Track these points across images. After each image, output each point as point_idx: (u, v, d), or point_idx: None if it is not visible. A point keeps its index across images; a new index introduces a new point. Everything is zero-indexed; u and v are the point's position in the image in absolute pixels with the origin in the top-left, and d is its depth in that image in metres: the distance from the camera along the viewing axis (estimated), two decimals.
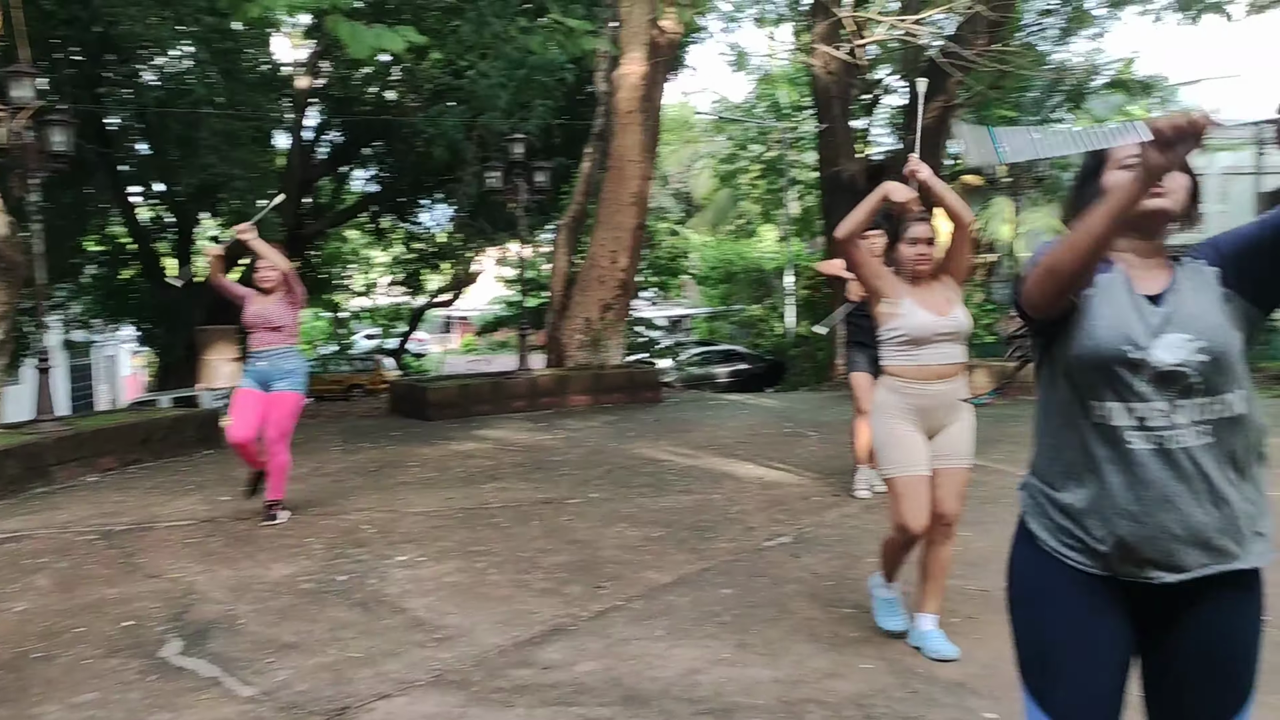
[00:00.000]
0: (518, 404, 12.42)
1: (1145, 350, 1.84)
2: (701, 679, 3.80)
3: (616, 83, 14.25)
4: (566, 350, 14.25)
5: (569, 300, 14.51)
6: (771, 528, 6.19)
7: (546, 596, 4.85)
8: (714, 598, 4.80)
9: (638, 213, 14.44)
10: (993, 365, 13.48)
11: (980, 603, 4.61)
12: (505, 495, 7.31)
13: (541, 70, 13.33)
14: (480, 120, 13.48)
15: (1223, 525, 1.85)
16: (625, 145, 14.15)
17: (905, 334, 3.86)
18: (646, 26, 13.79)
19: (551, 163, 14.12)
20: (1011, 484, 7.40)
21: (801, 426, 10.88)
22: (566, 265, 14.96)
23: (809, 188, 27.02)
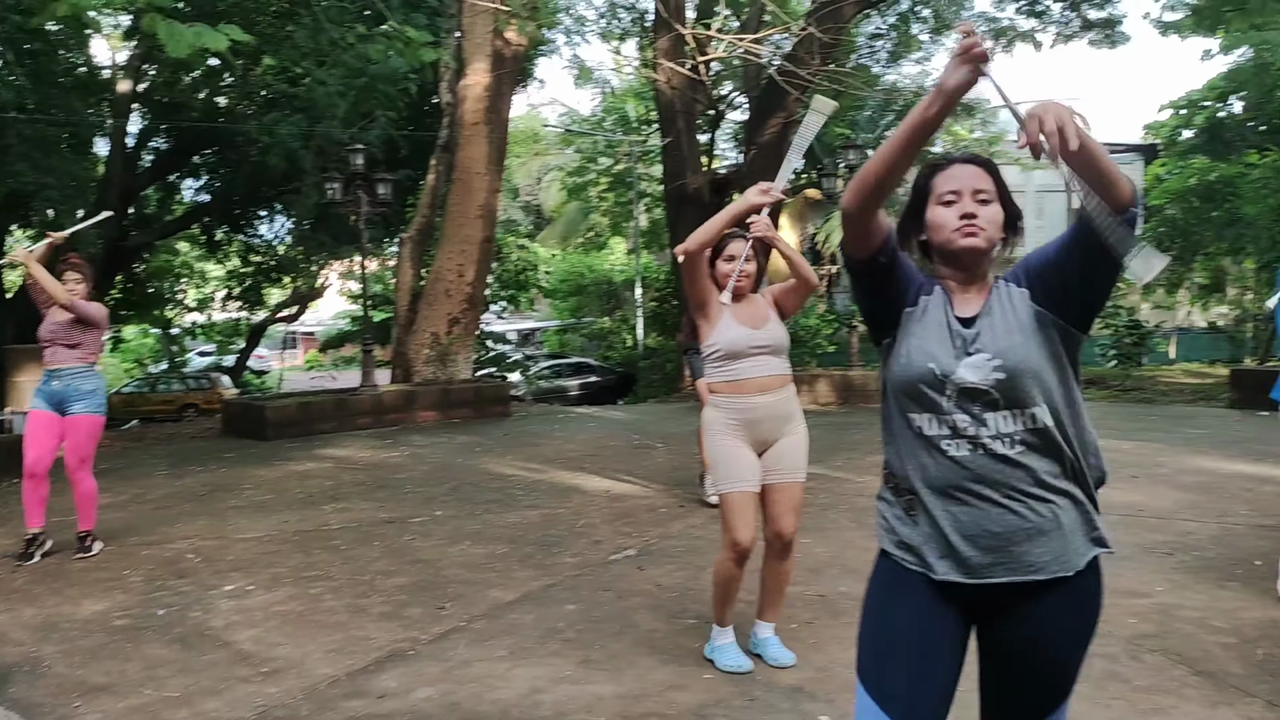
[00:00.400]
0: (362, 421, 12.08)
1: (950, 370, 1.95)
2: (543, 698, 3.72)
3: (461, 94, 14.07)
4: (413, 365, 13.95)
5: (415, 315, 14.22)
6: (618, 541, 6.17)
7: (385, 621, 4.68)
8: (558, 614, 4.73)
9: (485, 225, 14.28)
10: (834, 374, 13.89)
11: (818, 608, 4.68)
12: (345, 516, 7.06)
13: (383, 79, 13.03)
14: (318, 129, 13.07)
15: (1028, 534, 1.93)
16: (471, 157, 13.98)
17: (721, 349, 3.89)
18: (490, 38, 13.67)
19: (395, 174, 13.84)
20: (852, 490, 7.65)
21: (649, 438, 10.94)
22: (412, 279, 14.66)
23: (657, 200, 27.34)
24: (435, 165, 14.95)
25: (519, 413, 14.17)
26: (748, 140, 15.82)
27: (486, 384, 14.27)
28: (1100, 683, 3.70)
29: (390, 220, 17.78)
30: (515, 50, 14.25)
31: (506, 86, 14.50)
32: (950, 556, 1.96)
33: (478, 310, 14.93)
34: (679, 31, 13.51)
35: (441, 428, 12.18)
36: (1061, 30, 17.18)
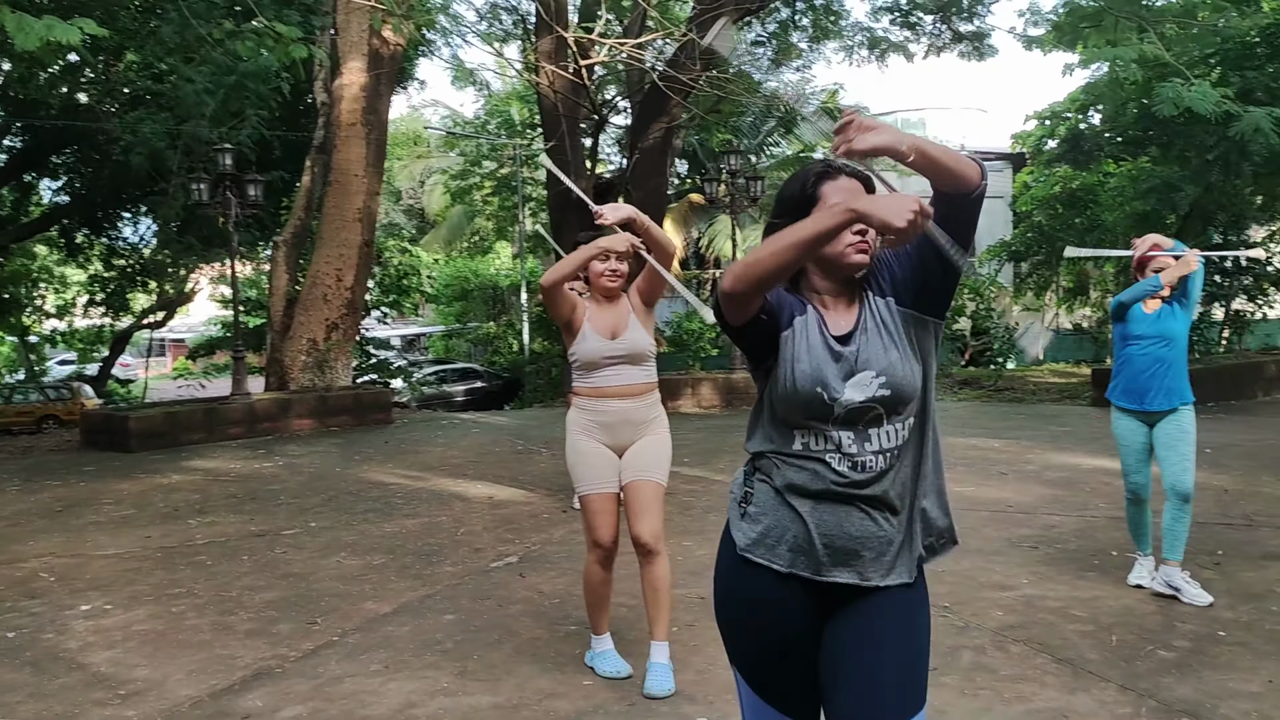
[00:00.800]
0: (234, 431, 11.65)
1: (838, 393, 1.96)
2: (418, 712, 3.63)
3: (337, 93, 13.74)
4: (289, 372, 13.54)
5: (291, 320, 13.80)
6: (499, 548, 6.09)
7: (251, 638, 4.50)
8: (436, 625, 4.63)
9: (364, 229, 13.97)
10: (717, 377, 14.03)
11: (698, 610, 4.69)
12: (213, 530, 6.79)
13: (254, 77, 12.60)
14: (185, 128, 12.57)
15: (880, 542, 1.98)
16: (349, 159, 13.65)
17: (579, 359, 3.94)
18: (366, 36, 13.37)
19: (267, 175, 13.41)
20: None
21: (533, 444, 10.86)
22: (287, 284, 14.22)
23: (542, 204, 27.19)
24: (310, 166, 14.54)
25: (401, 420, 13.89)
26: (631, 145, 15.85)
27: (367, 391, 13.94)
28: (968, 674, 3.81)
29: (263, 223, 17.22)
30: (393, 50, 13.98)
31: (385, 87, 14.21)
32: (805, 554, 1.99)
33: (357, 316, 14.58)
34: (561, 35, 13.46)
35: (319, 436, 11.86)
36: (933, 42, 17.69)
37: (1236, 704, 3.50)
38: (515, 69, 20.12)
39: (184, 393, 18.36)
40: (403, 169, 35.98)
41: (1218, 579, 4.97)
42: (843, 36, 18.30)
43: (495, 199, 30.96)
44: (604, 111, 16.14)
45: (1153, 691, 3.61)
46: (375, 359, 18.66)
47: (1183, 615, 4.46)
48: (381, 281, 18.87)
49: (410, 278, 19.79)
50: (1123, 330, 4.88)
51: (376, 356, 18.81)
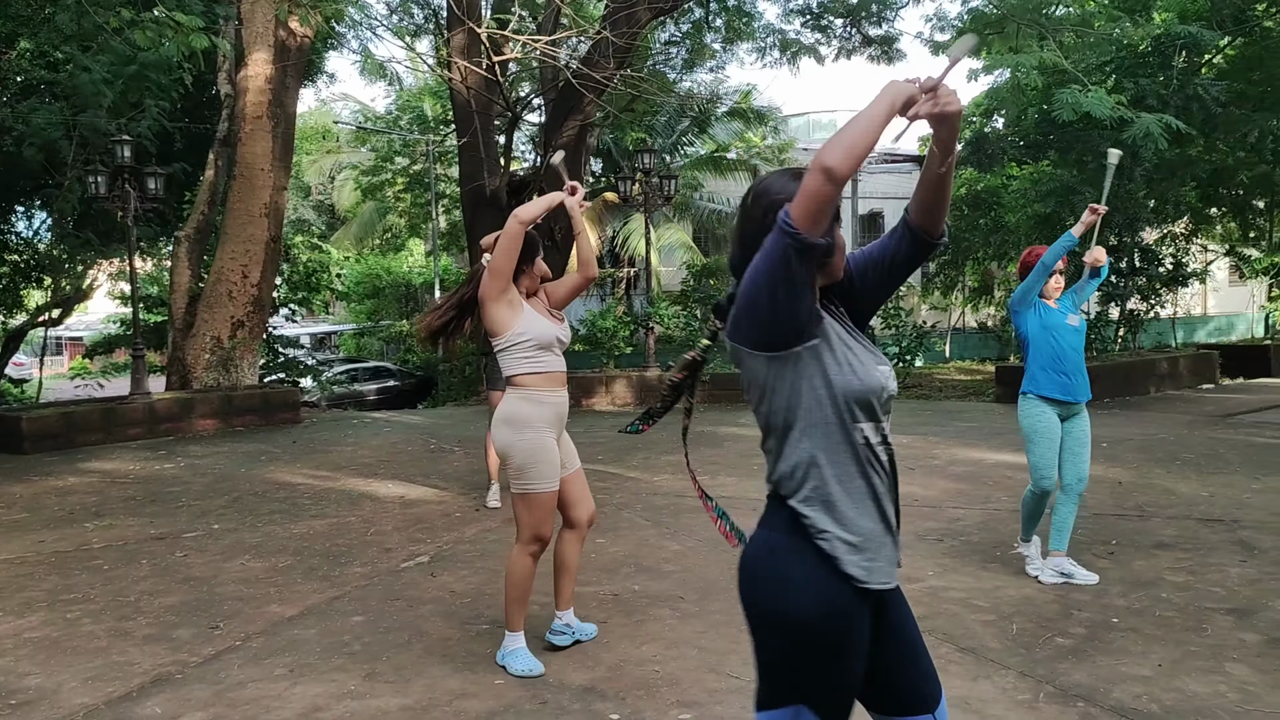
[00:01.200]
0: (133, 432, 11.29)
1: (888, 381, 1.97)
2: (324, 716, 3.56)
3: (242, 85, 13.40)
4: (192, 371, 13.16)
5: (194, 318, 13.42)
6: (410, 548, 6.00)
7: (150, 644, 4.36)
8: (344, 627, 4.55)
9: (271, 225, 13.65)
10: (631, 375, 14.06)
11: (612, 607, 4.69)
12: (110, 534, 6.56)
13: (155, 67, 12.19)
14: (81, 119, 12.11)
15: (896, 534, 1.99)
16: (254, 153, 13.34)
17: (532, 339, 3.86)
18: (272, 27, 13.07)
19: (168, 169, 13.00)
20: (647, 490, 7.70)
21: (446, 442, 10.74)
22: (190, 280, 13.82)
23: (455, 201, 26.93)
24: (214, 160, 14.16)
25: (310, 419, 13.62)
26: (545, 142, 15.79)
27: (274, 390, 13.61)
28: None
29: (165, 218, 16.66)
30: (300, 42, 13.68)
31: (292, 79, 13.91)
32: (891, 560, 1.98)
33: (264, 313, 14.23)
34: (473, 30, 13.33)
35: (223, 437, 11.55)
36: (843, 45, 18.02)
37: (1128, 687, 3.63)
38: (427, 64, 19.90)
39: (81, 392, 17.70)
40: (311, 164, 35.28)
41: (1112, 568, 5.15)
42: (755, 38, 18.51)
43: (408, 195, 30.55)
44: (518, 109, 16.03)
45: (1050, 677, 3.72)
46: (283, 357, 18.21)
47: (1079, 604, 4.61)
48: (290, 278, 18.41)
49: (320, 275, 19.33)
50: (1041, 321, 4.99)
51: (285, 355, 18.36)
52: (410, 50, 19.89)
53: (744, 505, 6.92)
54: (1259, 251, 20.31)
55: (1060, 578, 4.90)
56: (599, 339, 15.28)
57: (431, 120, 29.36)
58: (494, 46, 12.80)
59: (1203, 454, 8.73)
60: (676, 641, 4.23)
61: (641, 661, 4.01)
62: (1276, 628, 4.23)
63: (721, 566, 5.29)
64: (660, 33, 19.55)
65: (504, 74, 15.09)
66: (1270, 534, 5.84)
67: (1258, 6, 14.17)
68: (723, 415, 12.45)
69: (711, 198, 26.22)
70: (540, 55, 13.41)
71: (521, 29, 16.06)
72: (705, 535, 6.08)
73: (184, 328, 13.49)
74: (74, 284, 23.15)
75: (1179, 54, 13.64)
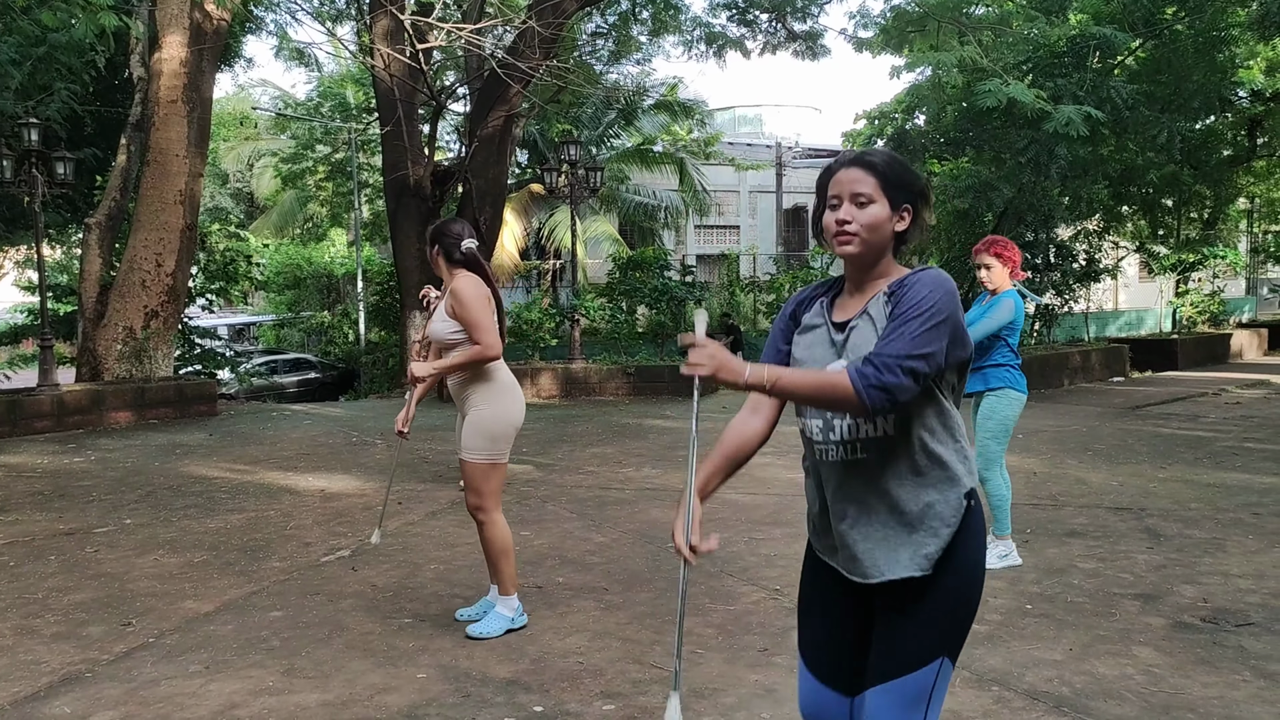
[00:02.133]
0: (41, 424, 10.90)
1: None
2: (241, 713, 3.48)
3: (156, 68, 13.00)
4: (103, 362, 12.76)
5: (106, 307, 13.00)
6: (330, 542, 5.91)
7: (59, 642, 4.22)
8: (262, 622, 4.45)
9: (187, 212, 13.27)
10: (557, 368, 14.02)
11: (535, 599, 4.67)
12: (15, 530, 6.33)
13: (65, 49, 11.76)
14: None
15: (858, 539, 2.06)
16: (169, 138, 12.95)
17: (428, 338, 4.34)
18: (187, 9, 12.70)
19: (78, 153, 12.57)
20: (571, 483, 7.70)
21: (368, 435, 10.59)
22: (101, 268, 13.37)
23: (379, 191, 26.52)
24: (126, 145, 13.71)
25: (228, 412, 13.31)
26: (470, 132, 15.62)
27: (190, 381, 13.25)
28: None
29: (74, 203, 16.15)
30: (217, 24, 13.31)
31: (208, 63, 13.53)
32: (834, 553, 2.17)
33: (179, 303, 13.85)
34: (396, 16, 13.13)
35: (137, 429, 11.23)
36: (768, 40, 18.16)
37: (1040, 671, 3.73)
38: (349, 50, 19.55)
39: None
40: (229, 151, 34.46)
41: (1026, 555, 5.29)
42: (682, 31, 18.55)
43: (329, 184, 30.01)
44: (442, 97, 15.84)
45: (966, 663, 3.80)
46: (200, 349, 17.76)
47: (994, 591, 4.72)
48: (206, 267, 17.94)
49: (238, 264, 18.88)
50: (1013, 324, 5.11)
51: (201, 346, 17.89)
52: (331, 36, 19.52)
53: (669, 496, 6.95)
54: (1167, 249, 21.02)
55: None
56: (524, 331, 15.19)
57: (354, 108, 28.87)
58: (418, 33, 12.61)
59: (1113, 445, 9.02)
60: (600, 633, 4.23)
61: (565, 653, 4.00)
62: (1180, 612, 4.39)
63: (645, 558, 5.30)
64: (587, 24, 19.49)
65: (428, 62, 14.90)
66: (1175, 522, 6.06)
67: (1167, 10, 14.63)
68: (647, 408, 12.49)
69: (637, 190, 26.24)
70: (465, 44, 13.27)
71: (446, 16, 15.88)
72: (629, 527, 6.09)
73: (95, 318, 13.07)
74: None
75: (1093, 55, 14.03)
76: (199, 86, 13.22)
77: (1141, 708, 3.40)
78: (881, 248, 2.10)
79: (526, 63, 13.21)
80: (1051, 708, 3.41)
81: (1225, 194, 20.90)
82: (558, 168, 15.20)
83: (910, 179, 2.11)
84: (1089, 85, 13.57)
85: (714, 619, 4.38)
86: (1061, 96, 13.35)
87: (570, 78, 15.59)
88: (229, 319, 33.62)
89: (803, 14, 17.69)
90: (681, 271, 16.65)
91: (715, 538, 2.06)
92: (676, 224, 27.95)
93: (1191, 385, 14.47)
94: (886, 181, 2.07)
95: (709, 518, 6.21)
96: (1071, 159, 14.18)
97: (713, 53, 18.19)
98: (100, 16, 7.44)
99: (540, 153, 24.23)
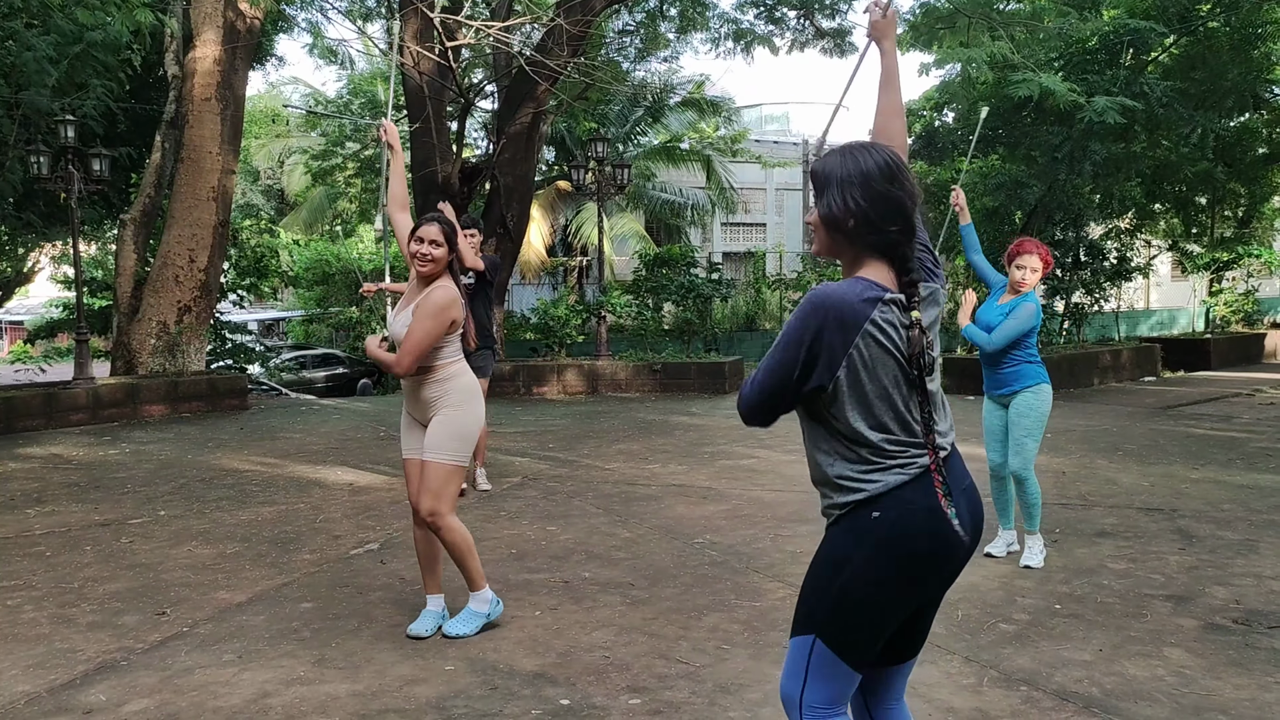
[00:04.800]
0: (77, 417, 11.07)
1: None
2: (273, 702, 3.53)
3: (190, 66, 13.15)
4: (138, 357, 12.92)
5: (140, 302, 13.16)
6: (359, 534, 5.97)
7: (94, 631, 4.30)
8: (293, 613, 4.51)
9: (219, 209, 13.42)
10: (583, 364, 14.05)
11: (562, 594, 4.70)
12: (52, 520, 6.44)
13: (101, 47, 11.90)
14: (23, 97, 11.79)
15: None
16: (202, 135, 13.10)
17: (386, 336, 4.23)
18: (221, 8, 12.83)
19: (113, 150, 12.73)
20: (597, 478, 7.71)
21: (395, 430, 10.64)
22: (136, 264, 13.54)
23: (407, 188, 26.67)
24: (161, 142, 13.88)
25: (259, 405, 13.45)
26: (498, 130, 15.68)
27: (221, 376, 13.40)
28: None
29: (110, 200, 16.34)
30: (250, 23, 13.45)
31: (241, 62, 13.67)
32: None
33: (212, 298, 14.00)
34: (426, 15, 13.20)
35: (170, 422, 11.37)
36: (797, 37, 18.08)
37: (1070, 671, 3.71)
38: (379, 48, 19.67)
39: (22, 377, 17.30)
40: (261, 148, 34.72)
41: (1055, 555, 5.26)
42: (709, 28, 18.52)
43: (358, 181, 30.19)
44: (470, 95, 15.91)
45: (994, 663, 3.80)
46: (231, 343, 17.93)
47: (1023, 590, 4.70)
48: (238, 263, 18.11)
49: (268, 259, 19.04)
50: (1035, 327, 5.14)
51: (232, 341, 18.07)
52: (362, 34, 19.64)
53: (695, 492, 6.97)
54: (1200, 247, 20.78)
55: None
56: (551, 327, 15.23)
57: (383, 105, 29.02)
58: (447, 32, 12.67)
59: (1144, 445, 8.94)
60: (626, 628, 4.25)
61: (591, 648, 4.03)
62: (1212, 613, 4.36)
63: (671, 554, 5.32)
64: (614, 21, 19.50)
65: (457, 60, 14.96)
66: (1207, 523, 6.00)
67: (1202, 6, 14.46)
68: (673, 405, 12.50)
69: (664, 187, 26.23)
70: (494, 41, 13.32)
71: (475, 14, 15.95)
72: (655, 523, 6.11)
73: (129, 312, 13.24)
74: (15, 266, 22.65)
75: (1126, 51, 13.89)
76: (232, 84, 13.36)
77: (1173, 709, 3.38)
78: (830, 245, 2.11)
79: (554, 60, 13.25)
80: (1081, 708, 3.40)
81: (1260, 192, 20.60)
82: (585, 165, 15.24)
83: (822, 185, 2.07)
84: (1122, 81, 13.43)
85: (740, 615, 4.39)
86: (1094, 93, 13.23)
87: (598, 75, 15.61)
88: (259, 314, 33.93)
89: (831, 11, 17.60)
90: (708, 269, 16.65)
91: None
92: (703, 221, 27.92)
93: (1225, 385, 14.30)
94: (814, 184, 2.11)
95: (735, 514, 6.23)
96: (1105, 155, 14.05)
97: (740, 49, 18.13)
98: (136, 13, 7.53)
99: (568, 150, 24.27)
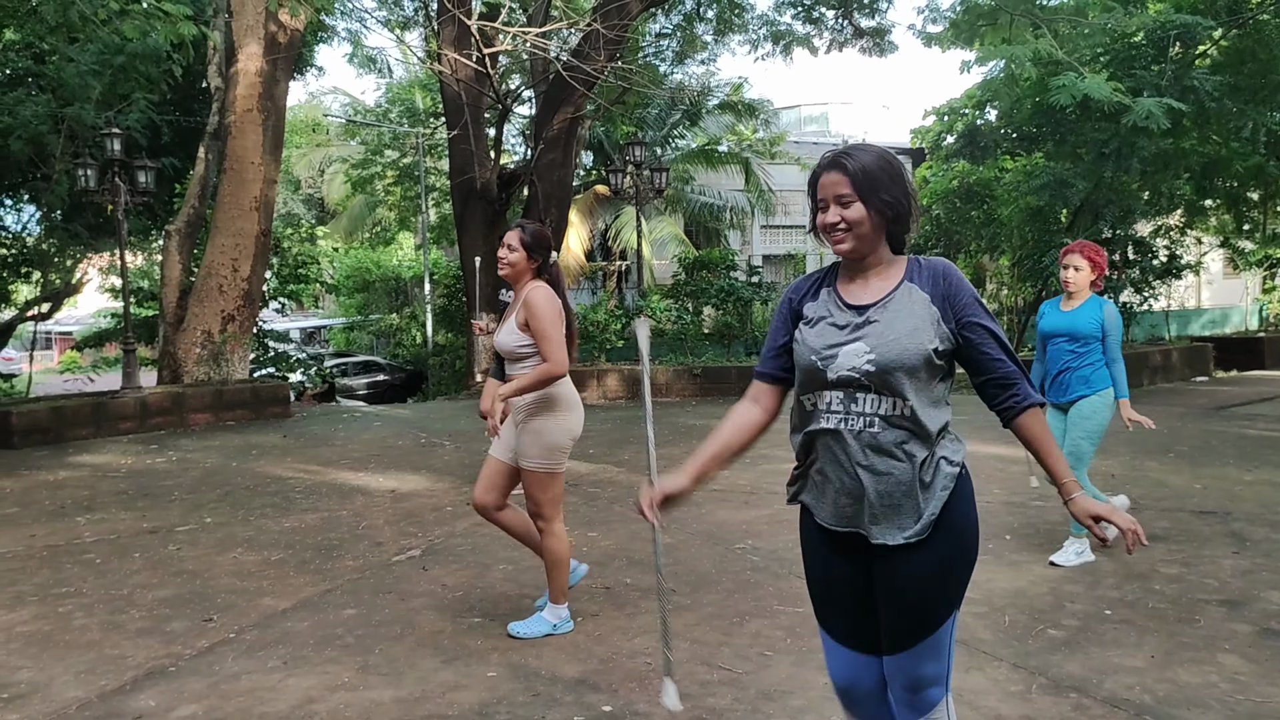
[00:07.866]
0: (125, 426, 11.24)
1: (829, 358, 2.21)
2: (318, 708, 3.55)
3: (232, 78, 13.33)
4: (183, 365, 13.11)
5: (185, 312, 13.36)
6: (401, 541, 5.99)
7: (143, 637, 4.35)
8: (337, 619, 4.53)
9: (261, 218, 13.58)
10: (623, 369, 14.04)
11: (603, 600, 4.69)
12: (102, 527, 6.53)
13: (143, 59, 12.10)
14: (68, 111, 12.01)
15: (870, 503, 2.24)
16: (245, 146, 13.26)
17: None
18: (262, 19, 12.99)
19: (158, 162, 12.92)
20: (637, 484, 7.66)
21: (437, 436, 10.72)
22: (181, 274, 13.75)
23: (446, 195, 26.85)
24: (204, 154, 14.07)
25: (301, 413, 13.58)
26: (536, 135, 15.74)
27: (264, 384, 13.55)
28: None
29: (155, 211, 16.60)
30: (291, 34, 13.60)
31: (282, 72, 13.83)
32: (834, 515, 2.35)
33: (255, 307, 14.17)
34: (463, 22, 13.28)
35: (215, 430, 11.51)
36: (835, 37, 17.98)
37: (1121, 678, 3.63)
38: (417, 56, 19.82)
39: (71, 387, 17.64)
40: (301, 157, 35.13)
41: (1105, 560, 5.16)
42: (747, 30, 18.46)
43: (397, 189, 30.46)
44: (508, 101, 15.99)
45: (1043, 669, 3.72)
46: (273, 352, 18.14)
47: (1071, 595, 4.62)
48: (279, 272, 18.33)
49: (309, 268, 19.26)
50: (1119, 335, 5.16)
51: (275, 349, 18.29)
52: (400, 43, 19.81)
53: (736, 496, 6.92)
54: (1253, 243, 20.36)
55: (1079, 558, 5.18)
56: (590, 332, 15.24)
57: (422, 113, 29.26)
58: (484, 38, 12.74)
59: (1196, 446, 8.76)
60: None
61: (633, 654, 4.01)
62: (1268, 619, 4.25)
63: (712, 559, 5.28)
64: (651, 24, 19.51)
65: (494, 66, 15.04)
66: (1262, 526, 5.86)
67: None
68: (713, 409, 12.45)
69: (703, 191, 26.18)
70: (530, 47, 13.38)
71: (511, 20, 16.03)
72: (696, 529, 6.08)
73: (175, 322, 13.44)
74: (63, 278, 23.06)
75: (1174, 45, 13.64)
76: (274, 95, 13.52)
77: (1226, 716, 3.30)
78: (873, 240, 2.24)
79: (591, 65, 13.28)
80: (1133, 716, 3.32)
81: None
82: (623, 169, 15.24)
83: (875, 183, 2.19)
84: (1170, 76, 13.19)
85: (782, 621, 4.35)
86: (1142, 89, 13.00)
87: (635, 79, 15.62)
88: (301, 322, 34.33)
89: (870, 10, 17.50)
90: (748, 272, 16.58)
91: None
92: (742, 224, 27.83)
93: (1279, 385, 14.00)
94: (856, 183, 2.19)
95: (776, 519, 6.18)
96: (1154, 151, 13.81)
97: (779, 51, 18.06)
98: (180, 26, 7.63)
99: (605, 154, 24.30)
